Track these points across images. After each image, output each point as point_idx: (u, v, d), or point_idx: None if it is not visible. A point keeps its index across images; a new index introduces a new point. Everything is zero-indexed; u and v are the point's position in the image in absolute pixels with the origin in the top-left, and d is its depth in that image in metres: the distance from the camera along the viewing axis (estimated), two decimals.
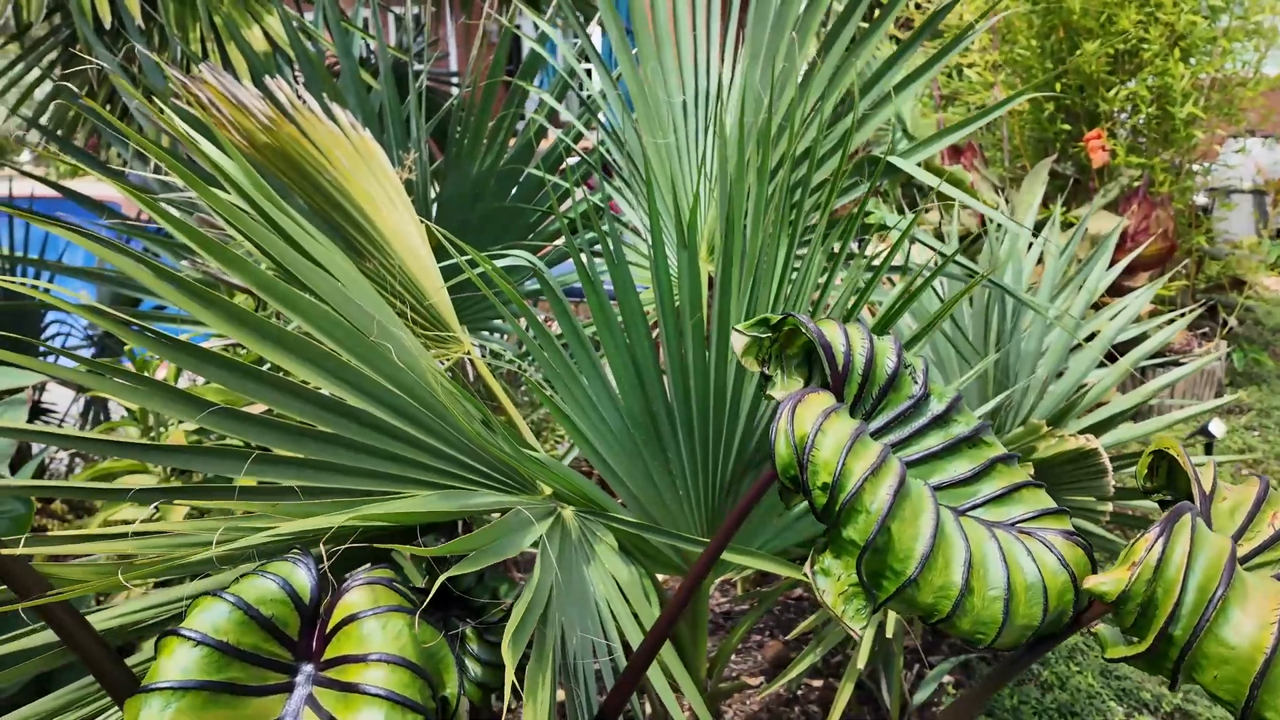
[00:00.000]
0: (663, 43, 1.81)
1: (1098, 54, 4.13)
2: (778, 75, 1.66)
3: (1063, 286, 2.22)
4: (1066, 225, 4.11)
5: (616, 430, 1.39)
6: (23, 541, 0.75)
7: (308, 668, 0.70)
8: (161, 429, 1.86)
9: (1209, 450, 2.39)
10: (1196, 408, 2.06)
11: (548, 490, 1.27)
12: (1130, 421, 2.10)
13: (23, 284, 0.89)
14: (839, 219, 1.46)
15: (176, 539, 0.81)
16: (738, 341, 0.85)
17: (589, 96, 1.95)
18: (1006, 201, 3.92)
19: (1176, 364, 2.28)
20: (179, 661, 0.65)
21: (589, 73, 2.01)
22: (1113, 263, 2.34)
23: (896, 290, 1.43)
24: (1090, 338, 2.16)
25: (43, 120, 3.08)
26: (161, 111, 1.23)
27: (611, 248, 1.37)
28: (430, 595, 0.75)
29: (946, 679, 2.18)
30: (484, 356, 2.11)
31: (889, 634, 1.40)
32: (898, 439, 0.83)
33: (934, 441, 0.83)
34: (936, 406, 0.83)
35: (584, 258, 1.34)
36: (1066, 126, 4.33)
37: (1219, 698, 0.65)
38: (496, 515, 1.18)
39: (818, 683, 2.18)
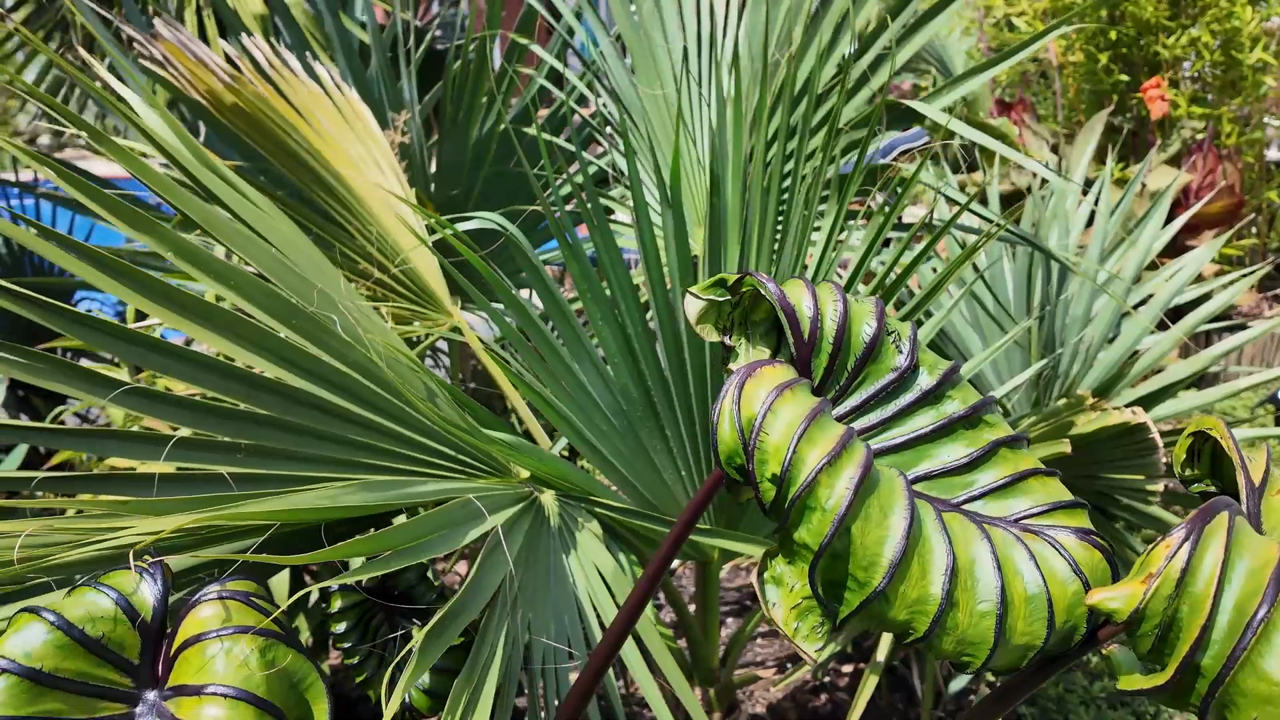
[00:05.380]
0: None
1: None
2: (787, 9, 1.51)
3: (1114, 246, 2.04)
4: (1122, 182, 3.87)
5: (609, 409, 1.28)
6: None
7: (151, 695, 0.60)
8: None
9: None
10: (1266, 374, 1.87)
11: (524, 474, 1.17)
12: (1193, 389, 1.92)
13: None
14: (852, 177, 1.31)
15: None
16: (692, 306, 0.72)
17: (589, 57, 1.82)
18: (1060, 160, 3.69)
19: (1243, 328, 2.10)
20: None
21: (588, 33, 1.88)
22: (1174, 219, 2.15)
23: (919, 249, 1.29)
24: (1144, 303, 1.99)
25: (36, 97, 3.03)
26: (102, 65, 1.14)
27: (592, 212, 1.25)
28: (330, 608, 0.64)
29: None
30: (493, 333, 2.00)
31: None
32: (879, 419, 0.70)
33: (923, 422, 0.70)
34: (926, 380, 0.70)
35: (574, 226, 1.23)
36: (1124, 77, 4.06)
37: None
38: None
39: (848, 668, 2.06)
